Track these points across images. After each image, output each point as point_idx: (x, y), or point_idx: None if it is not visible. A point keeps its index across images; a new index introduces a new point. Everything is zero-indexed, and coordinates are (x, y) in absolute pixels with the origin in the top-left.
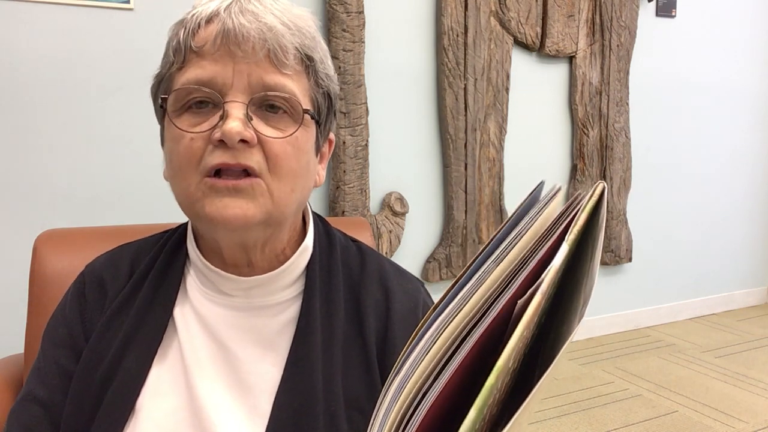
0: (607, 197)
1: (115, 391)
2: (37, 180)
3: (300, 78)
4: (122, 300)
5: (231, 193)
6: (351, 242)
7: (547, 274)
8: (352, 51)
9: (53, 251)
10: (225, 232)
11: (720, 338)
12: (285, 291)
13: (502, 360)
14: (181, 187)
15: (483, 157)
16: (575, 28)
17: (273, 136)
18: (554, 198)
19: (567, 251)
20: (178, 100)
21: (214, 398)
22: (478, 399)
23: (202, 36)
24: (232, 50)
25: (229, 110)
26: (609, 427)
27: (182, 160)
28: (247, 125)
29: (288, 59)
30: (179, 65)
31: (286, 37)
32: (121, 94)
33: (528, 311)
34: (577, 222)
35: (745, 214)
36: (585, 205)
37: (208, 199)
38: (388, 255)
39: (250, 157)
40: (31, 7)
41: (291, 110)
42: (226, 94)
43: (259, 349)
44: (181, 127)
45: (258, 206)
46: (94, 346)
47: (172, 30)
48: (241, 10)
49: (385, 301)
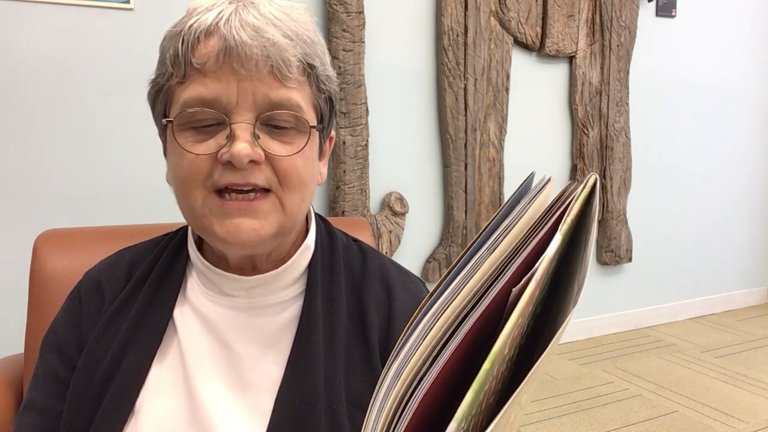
0: (599, 189)
1: (115, 392)
2: (37, 180)
3: (303, 88)
4: (121, 302)
5: (243, 214)
6: (352, 242)
7: (541, 262)
8: (352, 51)
9: (53, 251)
10: (236, 250)
11: (720, 338)
12: (287, 290)
13: (498, 345)
14: (187, 202)
15: (483, 157)
16: (575, 28)
17: (282, 154)
18: (545, 188)
19: (560, 241)
20: (182, 118)
21: (214, 398)
22: (475, 383)
23: (203, 52)
24: (235, 68)
25: (236, 131)
26: (609, 427)
27: (187, 177)
28: (254, 145)
29: (291, 72)
30: (180, 79)
31: (289, 50)
32: (121, 94)
33: (523, 299)
34: (570, 212)
35: (745, 214)
36: (578, 195)
37: (217, 218)
38: (388, 255)
39: (259, 176)
40: (31, 7)
41: (298, 124)
42: (232, 113)
43: (261, 347)
44: (186, 146)
45: (270, 223)
46: (93, 348)
47: (168, 39)
48: (241, 24)
49: (387, 300)
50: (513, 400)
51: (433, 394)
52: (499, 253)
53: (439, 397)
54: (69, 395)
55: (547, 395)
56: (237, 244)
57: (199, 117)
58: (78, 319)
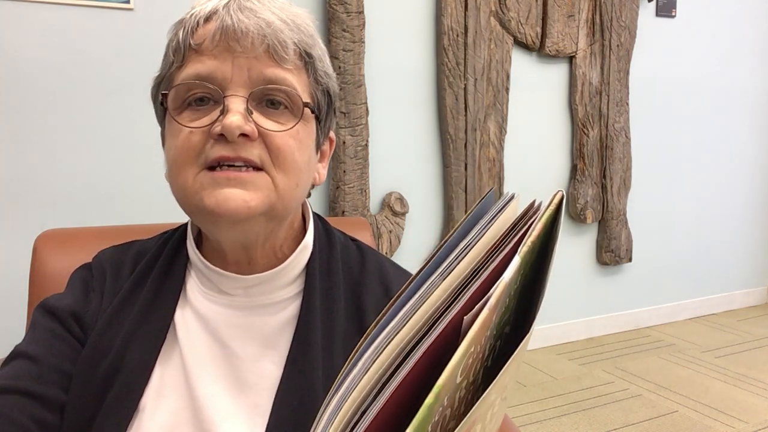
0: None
1: (119, 389)
2: (37, 180)
3: (300, 73)
4: (123, 298)
5: (232, 184)
6: (351, 241)
7: (496, 288)
8: (352, 51)
9: (53, 251)
10: (226, 225)
11: (720, 338)
12: (285, 289)
13: (443, 378)
14: (179, 181)
15: (483, 157)
16: (575, 28)
17: (274, 129)
18: (507, 207)
19: (518, 264)
20: (179, 96)
21: (214, 398)
22: (415, 420)
23: (201, 33)
24: (231, 45)
25: (229, 104)
26: (609, 427)
27: (180, 154)
28: (247, 119)
29: (288, 54)
30: (179, 64)
31: (285, 32)
32: (121, 94)
33: (474, 326)
34: (531, 233)
35: (745, 214)
36: (542, 214)
37: (206, 191)
38: (388, 255)
39: (251, 151)
40: (31, 7)
41: (291, 105)
42: (226, 89)
43: (260, 347)
44: (182, 122)
45: (261, 197)
46: (96, 342)
47: (171, 31)
48: (240, 8)
49: (386, 299)
50: (465, 422)
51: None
52: (453, 278)
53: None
54: (71, 389)
55: (547, 395)
56: (225, 214)
57: (193, 91)
58: (89, 287)
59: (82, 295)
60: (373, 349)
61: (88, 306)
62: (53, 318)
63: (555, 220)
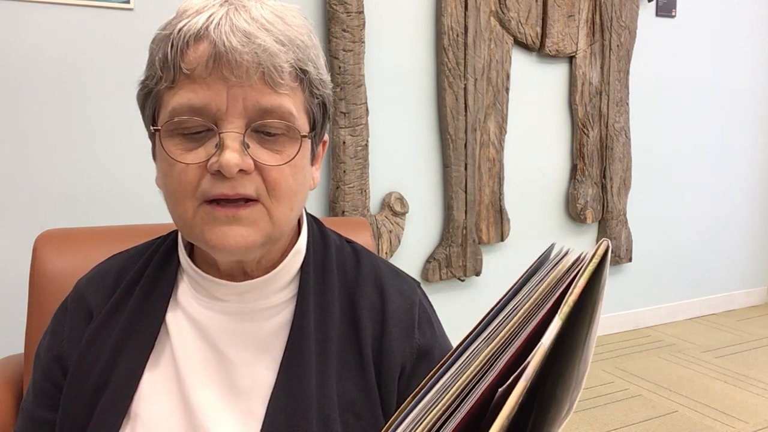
0: (609, 256)
1: (108, 398)
2: (37, 180)
3: (295, 93)
4: (111, 309)
5: (231, 222)
6: (345, 243)
7: (534, 355)
8: (352, 51)
9: (53, 251)
10: (226, 256)
11: (720, 338)
12: (279, 294)
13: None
14: (178, 212)
15: (483, 157)
16: (575, 28)
17: (272, 164)
18: (560, 263)
19: (559, 326)
20: (171, 126)
21: (207, 403)
22: None
23: (192, 57)
24: (225, 75)
25: (225, 140)
26: (609, 427)
27: (178, 188)
28: (244, 154)
29: (283, 78)
30: (169, 84)
31: (281, 56)
32: (121, 94)
33: (510, 400)
34: (573, 291)
35: (745, 214)
36: (584, 268)
37: (208, 226)
38: (388, 255)
39: (249, 186)
40: (31, 7)
41: (289, 132)
42: (221, 121)
43: (253, 352)
44: (175, 155)
45: (258, 231)
46: (84, 356)
47: (157, 42)
48: (231, 29)
49: (381, 303)
50: None
51: None
52: (496, 343)
53: None
54: (62, 403)
55: None
56: (225, 251)
57: (187, 125)
58: (62, 328)
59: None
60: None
61: (61, 338)
62: (38, 364)
63: (599, 273)
